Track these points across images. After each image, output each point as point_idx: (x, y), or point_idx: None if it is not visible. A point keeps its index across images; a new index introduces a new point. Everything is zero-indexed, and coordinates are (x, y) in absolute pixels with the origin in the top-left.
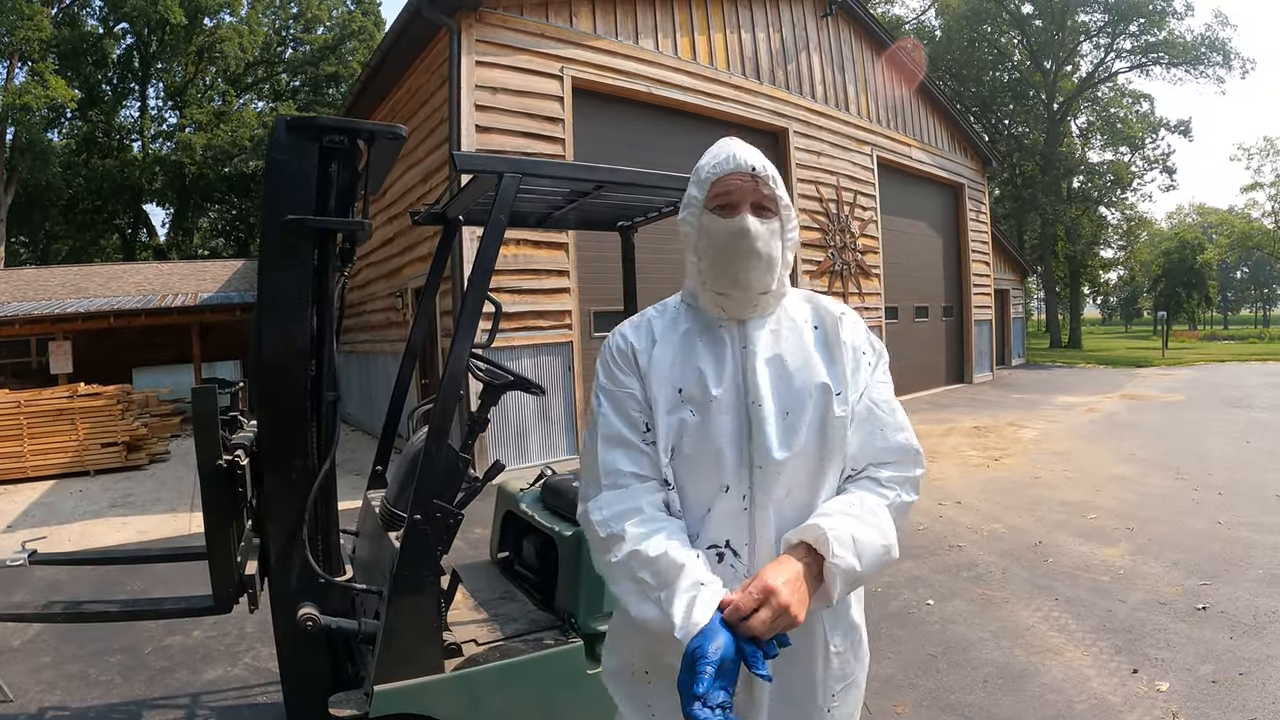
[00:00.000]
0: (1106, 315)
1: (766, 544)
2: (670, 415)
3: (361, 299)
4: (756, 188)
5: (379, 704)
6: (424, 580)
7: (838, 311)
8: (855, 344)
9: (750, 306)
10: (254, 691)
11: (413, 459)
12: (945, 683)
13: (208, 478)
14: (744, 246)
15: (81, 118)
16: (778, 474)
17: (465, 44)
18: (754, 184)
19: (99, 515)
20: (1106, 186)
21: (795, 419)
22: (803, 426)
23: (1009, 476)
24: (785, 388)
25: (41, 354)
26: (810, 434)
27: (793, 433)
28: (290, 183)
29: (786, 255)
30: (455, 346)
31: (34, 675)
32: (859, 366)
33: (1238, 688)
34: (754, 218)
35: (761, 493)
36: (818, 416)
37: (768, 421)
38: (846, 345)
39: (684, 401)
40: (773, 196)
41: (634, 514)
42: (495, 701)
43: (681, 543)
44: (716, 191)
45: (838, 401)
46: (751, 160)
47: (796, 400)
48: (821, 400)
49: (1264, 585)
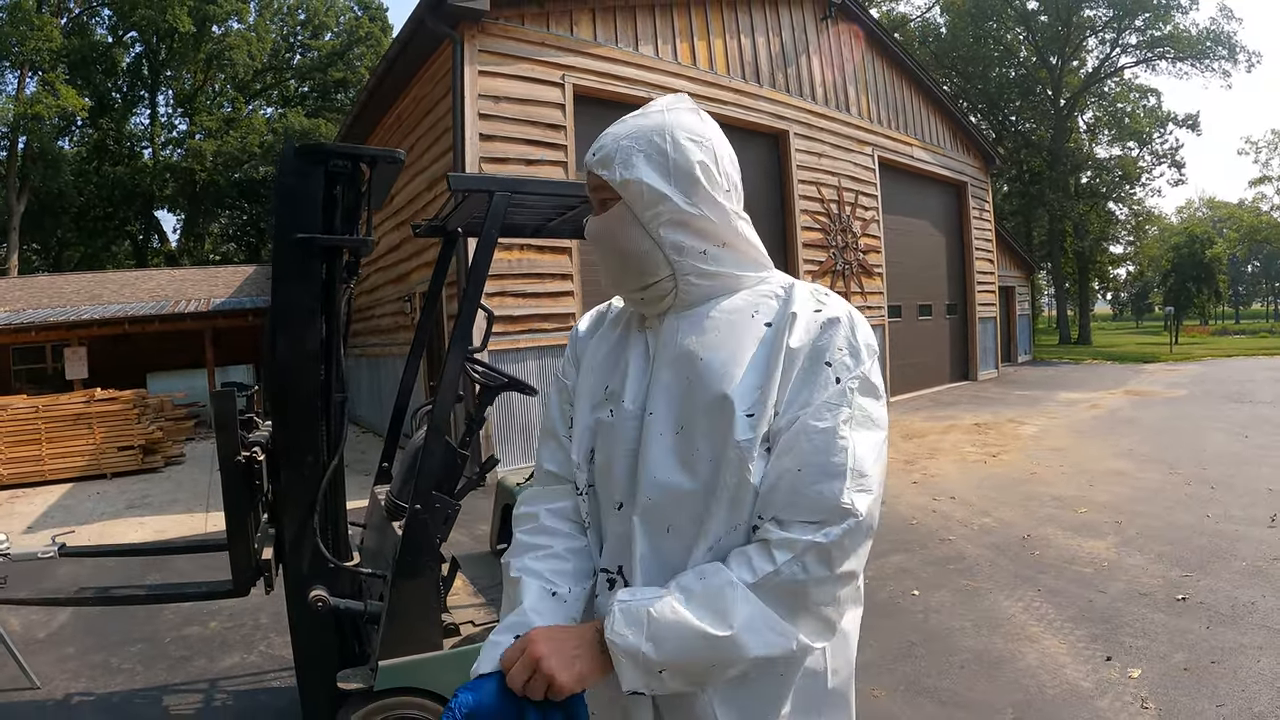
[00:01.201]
0: (1117, 311)
1: (652, 581)
2: (592, 414)
3: (371, 304)
4: (590, 182)
5: (383, 678)
6: (424, 565)
7: (810, 308)
8: (812, 351)
9: (641, 303)
10: (269, 677)
11: (414, 455)
12: (922, 668)
13: (227, 472)
14: (597, 251)
15: (92, 126)
16: (659, 502)
17: (468, 54)
18: (589, 178)
19: (117, 516)
20: (1115, 182)
21: (690, 437)
22: (699, 448)
23: (1005, 472)
24: (685, 397)
25: (57, 360)
26: (703, 461)
27: (686, 454)
28: (299, 204)
29: (665, 234)
30: (451, 351)
31: (59, 664)
32: (809, 382)
33: (1209, 675)
34: (595, 217)
35: (645, 521)
36: (717, 438)
37: (655, 437)
38: (795, 351)
39: (606, 400)
40: (603, 184)
41: (528, 521)
42: None
43: (549, 568)
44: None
45: (743, 422)
46: (588, 156)
47: (691, 414)
48: (720, 417)
49: (1245, 577)
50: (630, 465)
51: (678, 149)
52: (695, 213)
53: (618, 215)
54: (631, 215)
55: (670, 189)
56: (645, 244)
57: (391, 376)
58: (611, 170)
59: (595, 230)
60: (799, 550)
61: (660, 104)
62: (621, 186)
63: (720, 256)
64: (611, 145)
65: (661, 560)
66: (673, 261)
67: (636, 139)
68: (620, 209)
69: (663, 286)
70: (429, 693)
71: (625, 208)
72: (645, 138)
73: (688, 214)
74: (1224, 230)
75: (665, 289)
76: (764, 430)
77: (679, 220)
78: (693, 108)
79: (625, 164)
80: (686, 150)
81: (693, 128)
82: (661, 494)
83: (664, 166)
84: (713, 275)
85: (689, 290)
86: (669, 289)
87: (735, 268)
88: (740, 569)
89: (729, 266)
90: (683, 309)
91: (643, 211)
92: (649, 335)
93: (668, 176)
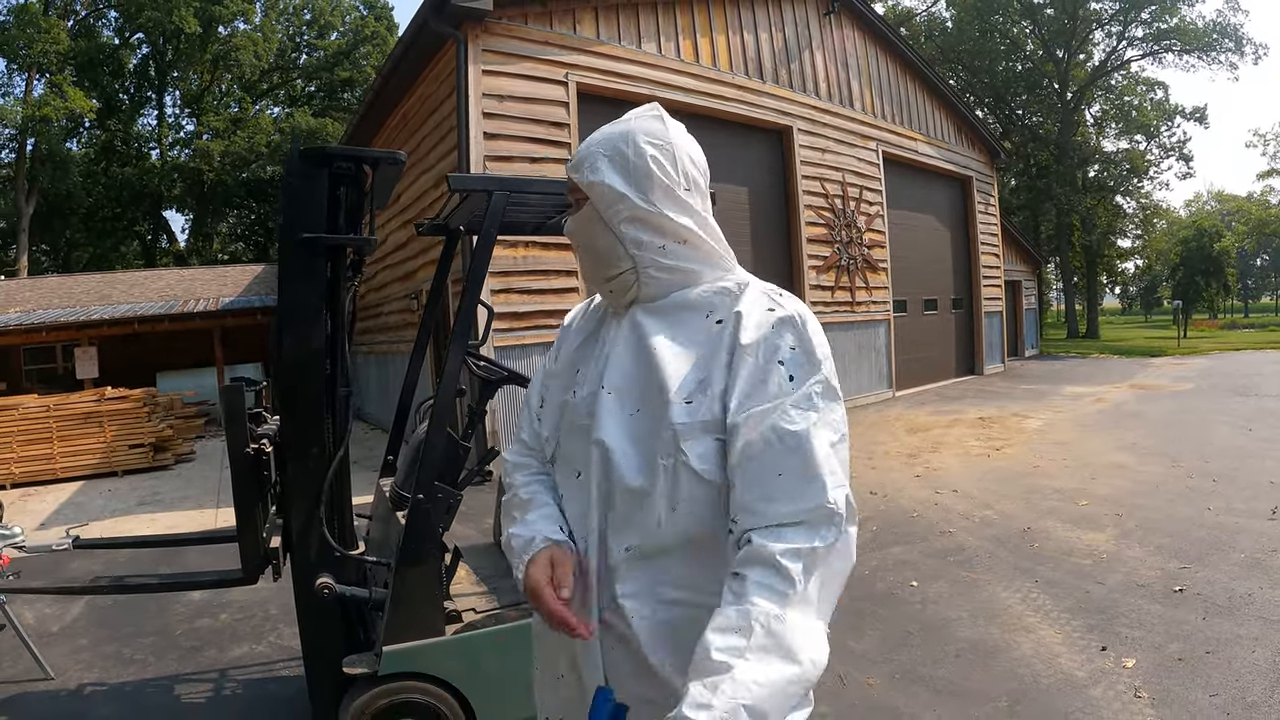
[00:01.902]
0: (1126, 305)
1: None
2: (561, 394)
3: (378, 301)
4: (569, 184)
5: (387, 663)
6: (427, 553)
7: (762, 306)
8: (765, 349)
9: (609, 294)
10: (278, 666)
11: (417, 447)
12: (918, 657)
13: (237, 464)
14: (574, 248)
15: (100, 127)
16: (610, 474)
17: (472, 53)
18: (570, 181)
19: (128, 513)
20: (1122, 175)
21: (642, 419)
22: (647, 429)
23: (1008, 466)
24: (639, 381)
25: (67, 360)
26: (647, 441)
27: (636, 433)
28: (304, 205)
29: (625, 230)
30: (452, 347)
31: (72, 656)
32: (764, 379)
33: (1203, 665)
34: (571, 217)
35: (599, 489)
36: (660, 421)
37: (610, 412)
38: (746, 347)
39: (574, 383)
40: (575, 186)
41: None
42: (490, 662)
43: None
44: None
45: (680, 408)
46: (572, 160)
47: (644, 397)
48: (660, 401)
49: (1243, 569)
50: (586, 438)
51: (637, 152)
52: (652, 210)
53: (587, 214)
54: (597, 214)
55: (628, 188)
56: (608, 239)
57: (399, 373)
58: (581, 173)
59: (570, 229)
60: (806, 557)
61: (632, 113)
62: (589, 188)
63: (679, 252)
64: (584, 151)
65: (616, 527)
66: (633, 255)
67: (603, 145)
68: (589, 208)
69: (626, 279)
70: (432, 677)
71: (592, 207)
72: (610, 143)
73: (644, 210)
74: (1232, 223)
75: (629, 281)
76: (703, 417)
77: (636, 217)
78: (658, 114)
79: (592, 168)
80: (644, 152)
81: (653, 132)
82: (612, 466)
83: (624, 168)
84: (671, 269)
85: (649, 282)
86: (632, 281)
87: (694, 263)
88: (766, 598)
89: (688, 262)
90: (646, 301)
91: (605, 210)
92: (615, 323)
93: (627, 177)
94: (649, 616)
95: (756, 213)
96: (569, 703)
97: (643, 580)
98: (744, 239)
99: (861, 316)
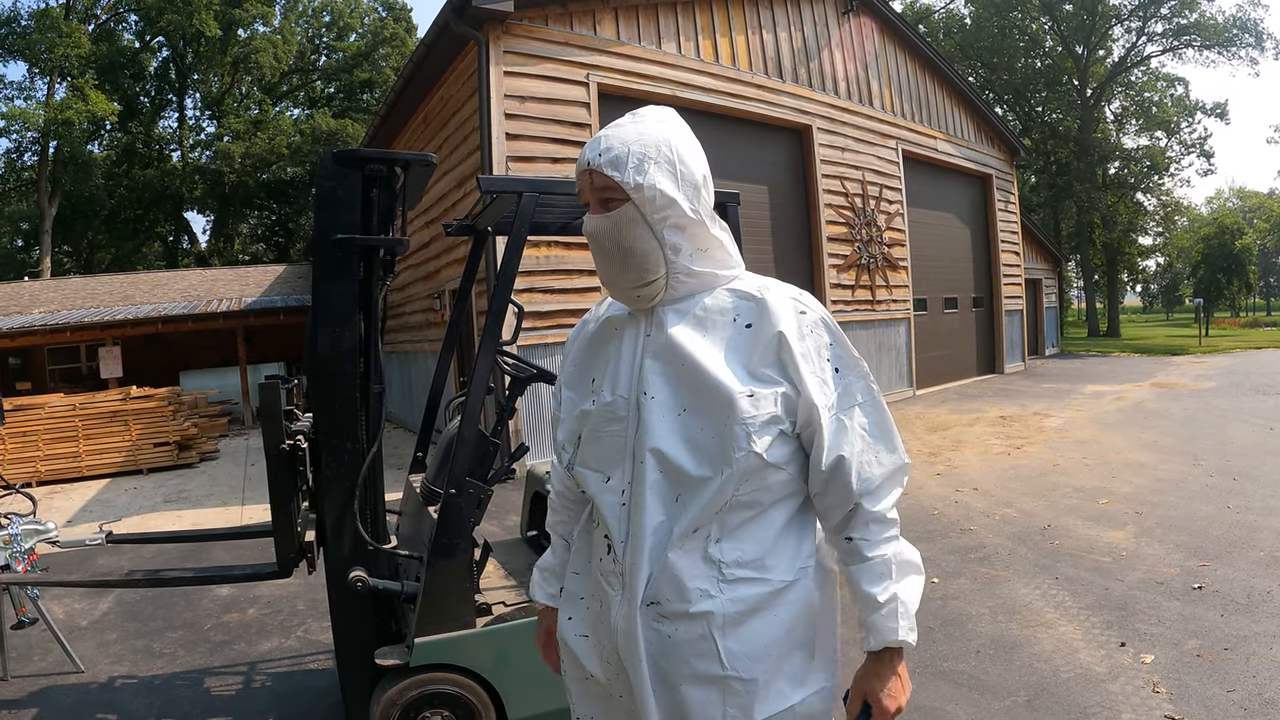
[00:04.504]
0: (1147, 303)
1: (642, 541)
2: (581, 401)
3: (402, 300)
4: (593, 181)
5: (418, 655)
6: (458, 547)
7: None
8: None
9: (636, 299)
10: (307, 660)
11: (448, 443)
12: (939, 652)
13: (273, 460)
14: (597, 248)
15: (121, 130)
16: (666, 476)
17: (493, 55)
18: (590, 178)
19: (154, 510)
20: (1143, 172)
21: (693, 418)
22: (703, 428)
23: (1028, 464)
24: (683, 384)
25: (91, 360)
26: (708, 439)
27: (690, 434)
28: (337, 206)
29: (667, 235)
30: (483, 345)
31: (102, 650)
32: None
33: (1221, 662)
34: (597, 215)
35: (653, 491)
36: (719, 418)
37: (658, 418)
38: (795, 348)
39: (593, 390)
40: (611, 185)
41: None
42: (519, 654)
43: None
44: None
45: (745, 402)
46: (589, 154)
47: (691, 399)
48: (719, 399)
49: (1263, 567)
50: (619, 444)
51: (684, 161)
52: (695, 218)
53: (627, 215)
54: (640, 216)
55: (679, 194)
56: (650, 243)
57: (421, 372)
58: (623, 173)
59: (599, 227)
60: (895, 502)
61: (652, 114)
62: (635, 189)
63: (703, 258)
64: (621, 149)
65: (668, 524)
66: (669, 260)
67: (645, 146)
68: (629, 209)
69: (658, 285)
70: (462, 669)
71: (635, 209)
72: (654, 146)
73: (689, 219)
74: (1254, 220)
75: (659, 287)
76: (769, 410)
77: (681, 224)
78: (683, 122)
79: (639, 169)
80: (691, 164)
81: (692, 144)
82: (668, 468)
83: (674, 175)
84: (696, 274)
85: (676, 287)
86: (662, 287)
87: (714, 267)
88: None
89: (709, 266)
90: (669, 304)
91: (653, 214)
92: (640, 325)
93: (677, 182)
94: (716, 595)
95: (777, 212)
96: (597, 701)
97: (701, 564)
98: (764, 238)
99: (882, 315)
